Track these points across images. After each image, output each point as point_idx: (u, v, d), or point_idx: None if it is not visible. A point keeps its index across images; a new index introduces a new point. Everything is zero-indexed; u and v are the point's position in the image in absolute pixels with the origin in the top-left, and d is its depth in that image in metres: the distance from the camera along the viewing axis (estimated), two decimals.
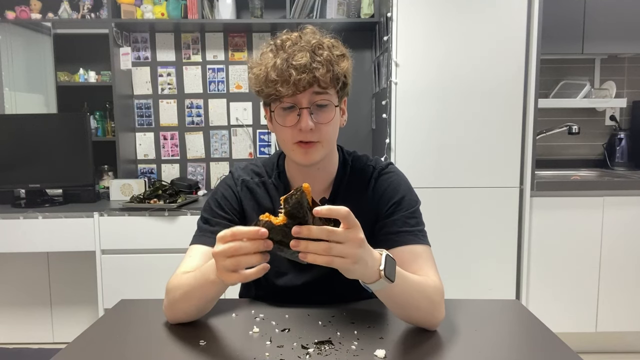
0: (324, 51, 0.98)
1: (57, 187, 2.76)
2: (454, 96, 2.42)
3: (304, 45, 0.98)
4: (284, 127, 1.01)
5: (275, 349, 0.89)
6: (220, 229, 0.96)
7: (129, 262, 2.48)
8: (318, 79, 0.96)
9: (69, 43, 2.91)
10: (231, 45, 3.03)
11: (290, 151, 1.04)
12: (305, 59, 0.95)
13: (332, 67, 0.98)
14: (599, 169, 3.03)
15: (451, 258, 2.42)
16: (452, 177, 2.46)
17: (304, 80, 0.95)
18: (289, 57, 0.96)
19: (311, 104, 0.99)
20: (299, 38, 1.00)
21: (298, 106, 0.99)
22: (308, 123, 0.98)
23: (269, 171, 1.17)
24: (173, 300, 0.99)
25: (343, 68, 1.01)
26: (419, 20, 2.39)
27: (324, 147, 1.03)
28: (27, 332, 2.82)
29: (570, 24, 2.70)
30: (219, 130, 3.09)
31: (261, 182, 1.15)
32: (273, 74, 0.96)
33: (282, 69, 0.95)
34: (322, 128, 1.01)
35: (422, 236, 1.07)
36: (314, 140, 1.00)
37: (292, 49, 0.97)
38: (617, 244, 2.51)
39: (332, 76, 0.98)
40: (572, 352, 0.89)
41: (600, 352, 2.60)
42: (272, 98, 1.00)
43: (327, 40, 1.02)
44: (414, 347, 0.90)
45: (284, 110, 1.00)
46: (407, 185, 1.14)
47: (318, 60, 0.96)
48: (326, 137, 1.02)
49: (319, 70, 0.96)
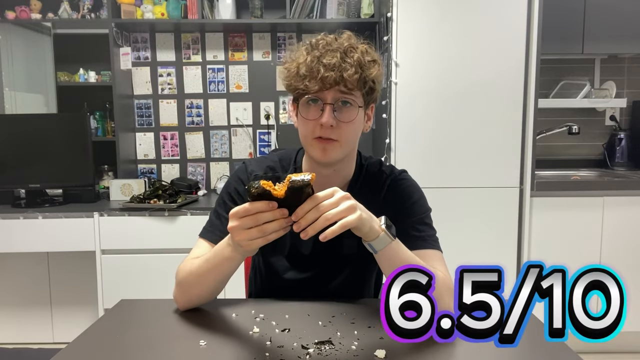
0: (355, 54, 1.00)
1: (57, 187, 2.76)
2: (454, 96, 2.42)
3: (337, 46, 1.01)
4: (306, 119, 1.03)
5: (275, 349, 0.89)
6: None
7: (129, 262, 2.48)
8: (345, 79, 0.98)
9: (69, 43, 2.91)
10: (231, 45, 3.03)
11: (309, 146, 1.05)
12: (336, 59, 0.98)
13: (361, 69, 1.00)
14: (599, 169, 3.03)
15: (451, 258, 2.41)
16: (452, 177, 2.46)
17: (330, 77, 0.97)
18: (320, 55, 0.99)
19: (335, 101, 1.01)
20: (334, 40, 1.03)
21: (322, 101, 1.01)
22: (329, 118, 1.00)
23: (285, 165, 1.18)
24: (186, 285, 1.03)
25: (372, 73, 1.02)
26: (419, 20, 2.39)
27: (342, 147, 1.04)
28: (27, 332, 2.81)
29: (570, 24, 2.70)
30: (219, 130, 3.09)
31: (274, 177, 1.15)
32: (303, 70, 1.00)
33: (311, 66, 0.99)
34: (343, 127, 1.02)
35: (433, 241, 1.09)
36: (333, 137, 1.02)
37: (325, 49, 1.00)
38: (617, 244, 2.51)
39: (359, 78, 1.00)
40: (572, 352, 0.89)
41: (601, 352, 2.60)
42: (299, 93, 1.02)
43: (362, 46, 1.04)
44: (414, 347, 0.90)
45: (309, 103, 1.02)
46: (420, 192, 1.16)
47: (348, 61, 0.99)
48: (346, 138, 1.03)
49: (347, 71, 0.98)
